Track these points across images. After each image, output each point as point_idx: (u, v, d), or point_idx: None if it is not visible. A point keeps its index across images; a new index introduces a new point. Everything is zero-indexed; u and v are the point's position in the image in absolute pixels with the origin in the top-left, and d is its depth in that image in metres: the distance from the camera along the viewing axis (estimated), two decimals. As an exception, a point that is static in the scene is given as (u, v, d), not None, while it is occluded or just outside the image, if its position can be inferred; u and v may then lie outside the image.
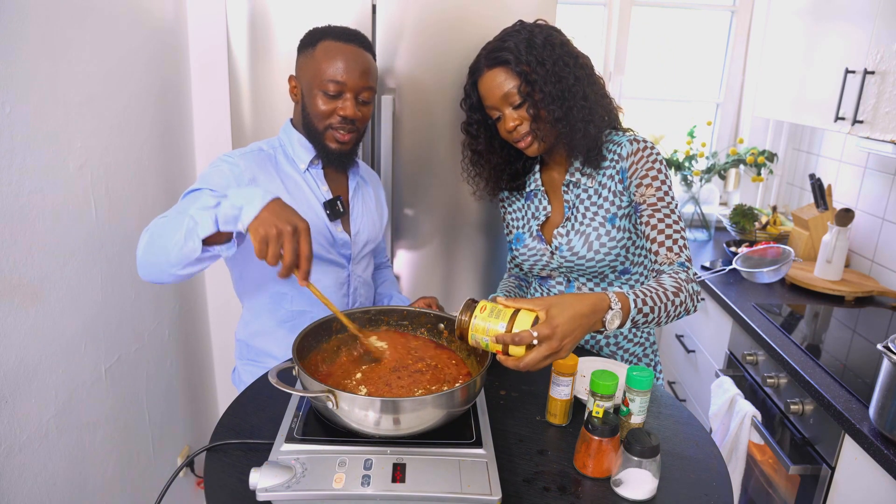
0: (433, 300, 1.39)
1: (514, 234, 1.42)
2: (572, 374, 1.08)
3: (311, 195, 1.35)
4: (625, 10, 2.65)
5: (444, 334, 1.18)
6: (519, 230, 1.41)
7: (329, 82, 1.26)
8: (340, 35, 1.29)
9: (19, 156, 1.20)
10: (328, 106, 1.28)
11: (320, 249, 1.35)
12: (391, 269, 1.77)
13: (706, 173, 2.67)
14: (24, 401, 1.23)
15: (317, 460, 0.89)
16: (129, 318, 1.65)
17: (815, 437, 1.51)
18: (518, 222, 1.42)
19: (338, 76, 1.26)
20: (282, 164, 1.35)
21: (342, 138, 1.31)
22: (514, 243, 1.42)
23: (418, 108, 1.79)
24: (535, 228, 1.38)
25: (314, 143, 1.34)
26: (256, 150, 1.34)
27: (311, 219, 1.32)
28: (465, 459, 0.91)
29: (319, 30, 1.31)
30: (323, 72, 1.26)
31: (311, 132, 1.32)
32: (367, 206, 1.47)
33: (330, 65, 1.26)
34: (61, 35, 1.33)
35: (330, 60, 1.26)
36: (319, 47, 1.28)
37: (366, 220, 1.45)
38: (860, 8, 1.85)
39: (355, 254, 1.43)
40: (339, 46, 1.27)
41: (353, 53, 1.27)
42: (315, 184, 1.36)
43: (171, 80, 1.91)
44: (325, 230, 1.36)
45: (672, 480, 0.97)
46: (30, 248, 1.24)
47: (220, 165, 1.27)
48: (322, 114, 1.29)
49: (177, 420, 2.00)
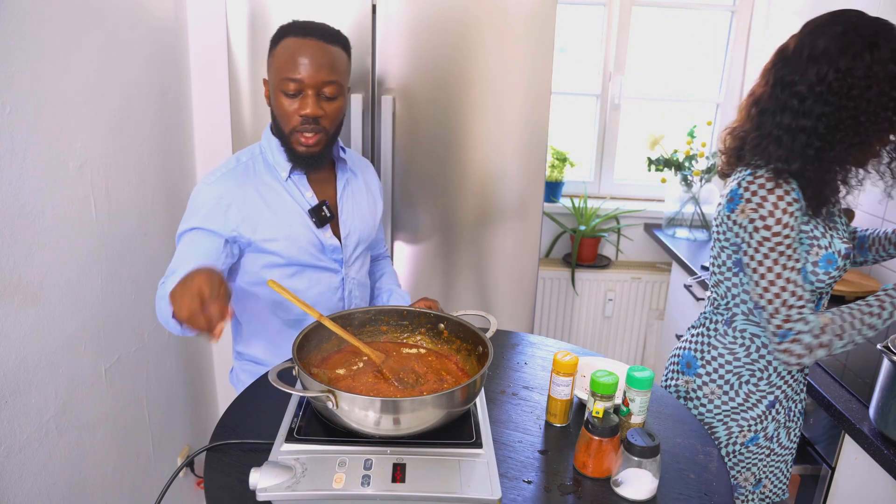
0: (434, 303, 1.36)
1: (822, 255, 1.19)
2: (572, 374, 1.08)
3: (295, 204, 1.30)
4: (625, 10, 2.64)
5: (444, 334, 1.18)
6: (828, 250, 1.19)
7: (286, 81, 1.21)
8: (300, 30, 1.22)
9: (19, 156, 1.20)
10: (290, 106, 1.22)
11: (311, 258, 1.32)
12: (389, 259, 1.72)
13: (706, 173, 2.67)
14: (24, 401, 1.23)
15: (317, 460, 0.89)
16: (129, 318, 1.65)
17: (815, 437, 1.51)
18: (822, 241, 1.20)
19: (294, 73, 1.20)
20: (261, 176, 1.30)
21: (306, 140, 1.24)
22: (821, 265, 1.19)
23: (418, 108, 1.79)
24: (844, 249, 1.21)
25: (285, 148, 1.28)
26: (234, 166, 1.29)
27: (298, 228, 1.29)
28: (464, 459, 0.91)
29: (283, 27, 1.25)
30: (281, 70, 1.21)
31: (281, 137, 1.28)
32: (358, 203, 1.42)
33: (287, 62, 1.20)
34: (61, 35, 1.33)
35: (287, 58, 1.21)
36: (280, 45, 1.23)
37: (356, 219, 1.40)
38: (859, 8, 1.84)
39: (347, 257, 1.39)
40: (297, 42, 1.21)
41: (311, 48, 1.21)
42: (298, 191, 1.31)
43: (171, 80, 1.91)
44: (314, 238, 1.32)
45: (672, 480, 0.97)
46: (30, 248, 1.24)
47: (201, 195, 1.25)
48: (285, 115, 1.24)
49: (177, 420, 2.00)
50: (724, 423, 1.30)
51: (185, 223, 1.26)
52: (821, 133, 1.11)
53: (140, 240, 1.70)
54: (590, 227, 2.69)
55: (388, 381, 1.05)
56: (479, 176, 1.88)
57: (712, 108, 2.88)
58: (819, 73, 1.09)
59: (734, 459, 1.32)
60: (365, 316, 1.18)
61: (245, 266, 1.32)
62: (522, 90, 1.81)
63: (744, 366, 1.27)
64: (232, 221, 1.25)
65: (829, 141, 1.11)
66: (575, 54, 2.79)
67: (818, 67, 1.10)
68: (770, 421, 1.30)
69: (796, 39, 1.15)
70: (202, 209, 1.25)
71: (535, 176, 1.89)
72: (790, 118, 1.13)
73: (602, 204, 2.73)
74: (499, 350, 1.37)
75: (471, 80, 1.79)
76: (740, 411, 1.29)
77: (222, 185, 1.26)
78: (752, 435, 1.30)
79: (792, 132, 1.13)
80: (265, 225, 1.27)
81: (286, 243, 1.29)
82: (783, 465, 1.37)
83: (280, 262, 1.30)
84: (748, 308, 1.25)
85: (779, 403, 1.30)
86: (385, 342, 1.19)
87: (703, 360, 1.31)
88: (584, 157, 2.85)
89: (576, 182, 2.80)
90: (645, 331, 2.84)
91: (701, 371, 1.31)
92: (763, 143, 1.16)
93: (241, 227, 1.25)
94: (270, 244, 1.28)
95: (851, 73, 1.08)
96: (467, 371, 1.11)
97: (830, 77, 1.09)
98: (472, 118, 1.82)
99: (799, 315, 1.13)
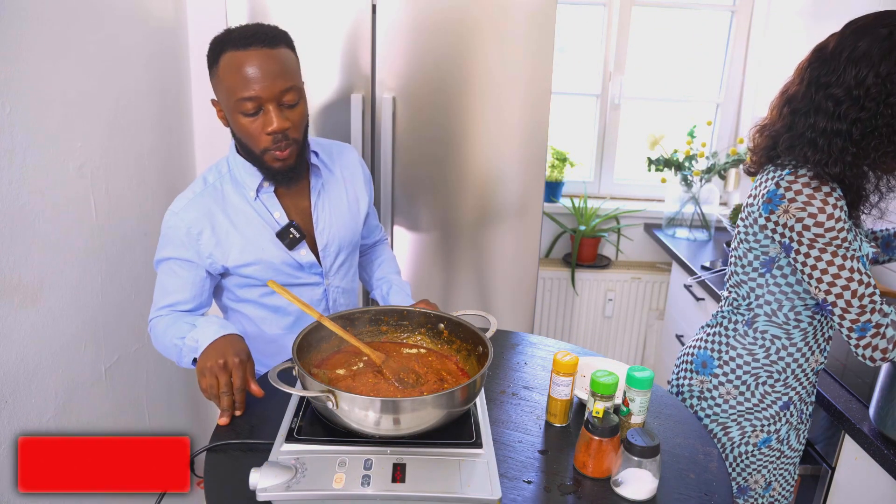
0: (434, 307, 1.32)
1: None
2: (572, 374, 1.08)
3: (264, 226, 1.25)
4: (625, 10, 2.64)
5: (444, 334, 1.18)
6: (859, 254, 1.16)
7: (242, 101, 1.12)
8: (239, 41, 1.12)
9: (19, 156, 1.20)
10: (253, 126, 1.14)
11: (288, 279, 1.29)
12: (387, 242, 1.63)
13: (706, 173, 2.67)
14: (24, 401, 1.23)
15: (317, 460, 0.89)
16: (129, 318, 1.65)
17: (815, 437, 1.51)
18: (855, 243, 1.15)
19: (247, 91, 1.11)
20: (229, 198, 1.24)
21: (281, 156, 1.17)
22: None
23: (418, 108, 1.79)
24: (871, 252, 1.19)
25: (259, 168, 1.22)
26: (201, 189, 1.24)
27: (271, 250, 1.25)
28: (464, 459, 0.91)
29: (218, 41, 1.15)
30: (233, 91, 1.12)
31: (251, 157, 1.21)
32: (336, 208, 1.34)
33: (236, 81, 1.11)
34: (61, 35, 1.33)
35: (235, 76, 1.11)
36: (222, 64, 1.13)
37: (335, 226, 1.34)
38: (860, 8, 1.84)
39: (327, 268, 1.34)
40: (239, 56, 1.11)
41: (257, 58, 1.11)
42: (267, 211, 1.25)
43: (170, 80, 1.91)
44: (288, 258, 1.27)
45: (672, 480, 0.97)
46: (30, 248, 1.24)
47: (170, 223, 1.22)
48: (251, 137, 1.16)
49: (177, 420, 2.00)
50: (737, 423, 1.28)
51: (161, 252, 1.25)
52: (855, 139, 1.08)
53: (140, 240, 1.70)
54: (590, 227, 2.69)
55: (388, 382, 1.05)
56: (479, 176, 1.88)
57: (712, 108, 2.88)
58: (858, 77, 1.06)
59: (746, 461, 1.30)
60: (365, 316, 1.18)
61: (226, 284, 1.31)
62: (522, 90, 1.81)
63: (762, 367, 1.25)
64: (205, 249, 1.22)
65: (864, 147, 1.09)
66: (575, 54, 2.79)
67: (857, 70, 1.06)
68: (784, 423, 1.28)
69: (836, 39, 1.11)
70: (174, 239, 1.22)
71: (535, 176, 1.89)
72: (824, 121, 1.10)
73: (602, 204, 2.73)
74: (499, 350, 1.37)
75: (471, 80, 1.79)
76: (755, 412, 1.27)
77: (190, 214, 1.22)
78: (766, 436, 1.28)
79: (827, 136, 1.10)
80: (237, 250, 1.23)
81: (260, 266, 1.25)
82: (791, 467, 1.35)
83: (257, 283, 1.28)
84: (772, 309, 1.22)
85: (793, 405, 1.28)
86: (385, 342, 1.19)
87: (720, 361, 1.29)
88: (584, 157, 2.85)
89: (576, 182, 2.80)
90: (645, 331, 2.84)
91: (717, 371, 1.29)
92: (797, 145, 1.13)
93: (215, 254, 1.23)
94: (244, 269, 1.25)
95: (892, 79, 1.05)
96: (467, 371, 1.11)
97: (869, 81, 1.05)
98: (472, 118, 1.82)
99: (873, 304, 1.07)
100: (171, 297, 1.23)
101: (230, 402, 1.06)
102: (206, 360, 1.06)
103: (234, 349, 1.08)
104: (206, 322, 1.15)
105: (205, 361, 1.06)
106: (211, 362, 1.06)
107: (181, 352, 1.15)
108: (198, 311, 1.26)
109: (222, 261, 1.24)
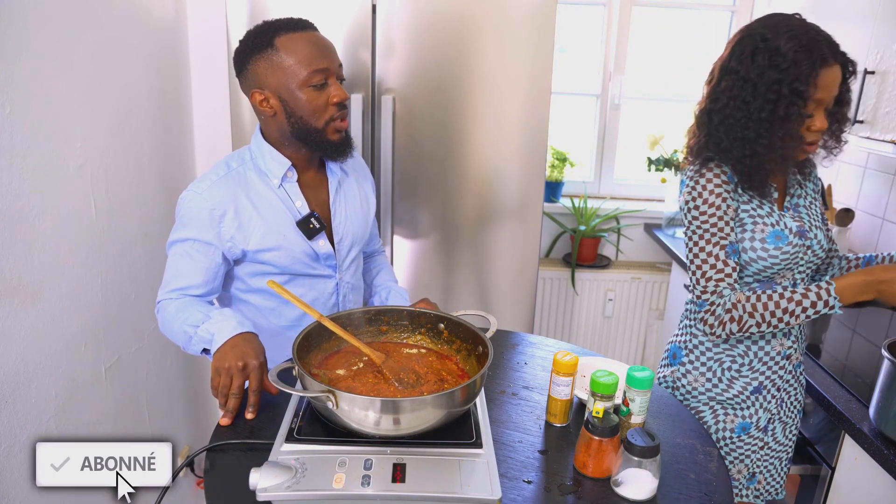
0: (434, 307, 1.33)
1: (769, 232, 1.25)
2: (572, 374, 1.08)
3: (286, 213, 1.27)
4: (625, 10, 2.64)
5: (444, 334, 1.18)
6: (775, 227, 1.25)
7: (315, 73, 1.19)
8: (289, 25, 1.21)
9: (19, 156, 1.20)
10: (320, 99, 1.21)
11: (304, 267, 1.31)
12: (384, 254, 1.67)
13: (706, 173, 2.66)
14: (24, 401, 1.23)
15: (317, 460, 0.89)
16: (129, 318, 1.65)
17: (815, 437, 1.51)
18: (768, 219, 1.25)
19: (320, 63, 1.19)
20: (253, 184, 1.26)
21: (342, 126, 1.25)
22: (770, 241, 1.25)
23: (418, 108, 1.79)
24: (795, 226, 1.27)
25: (313, 146, 1.25)
26: (224, 173, 1.25)
27: (291, 238, 1.27)
28: (464, 459, 0.91)
29: (265, 29, 1.21)
30: (301, 66, 1.18)
31: (308, 135, 1.24)
32: (351, 204, 1.38)
33: (305, 56, 1.18)
34: (61, 35, 1.33)
35: (302, 52, 1.18)
36: (280, 45, 1.19)
37: (350, 222, 1.37)
38: (860, 8, 1.85)
39: (341, 262, 1.36)
40: (300, 35, 1.20)
41: (315, 37, 1.22)
42: (289, 199, 1.28)
43: (171, 80, 1.91)
44: (307, 247, 1.29)
45: (672, 480, 0.97)
46: (29, 249, 1.24)
47: (192, 203, 1.22)
48: (318, 109, 1.22)
49: (177, 420, 2.00)
50: (710, 407, 1.33)
51: (178, 233, 1.24)
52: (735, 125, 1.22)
53: (140, 240, 1.70)
54: (590, 227, 2.69)
55: (389, 382, 1.05)
56: (479, 176, 1.88)
57: (712, 108, 2.87)
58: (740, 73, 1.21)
59: (726, 449, 1.34)
60: (365, 316, 1.18)
61: (238, 273, 1.31)
62: (522, 90, 1.81)
63: (723, 352, 1.31)
64: (226, 232, 1.22)
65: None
66: (575, 54, 2.79)
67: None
68: (759, 408, 1.31)
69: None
70: (195, 220, 1.22)
71: (535, 176, 1.89)
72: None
73: (602, 204, 2.73)
74: (499, 350, 1.37)
75: (471, 79, 1.79)
76: (725, 396, 1.31)
77: (214, 194, 1.22)
78: (741, 422, 1.31)
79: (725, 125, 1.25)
80: (259, 234, 1.24)
81: (280, 253, 1.27)
82: (777, 461, 1.38)
83: (273, 271, 1.29)
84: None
85: (765, 390, 1.31)
86: (385, 342, 1.19)
87: (686, 350, 1.36)
88: (584, 157, 2.85)
89: (576, 182, 2.80)
90: (645, 331, 2.84)
91: (685, 360, 1.35)
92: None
93: (236, 237, 1.23)
94: (264, 254, 1.26)
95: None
96: (467, 371, 1.11)
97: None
98: (472, 118, 1.82)
99: (715, 287, 1.20)
100: (183, 280, 1.23)
101: (238, 405, 1.07)
102: (225, 360, 1.07)
103: (254, 351, 1.09)
104: (222, 316, 1.15)
105: (223, 361, 1.07)
106: (230, 363, 1.06)
107: (191, 340, 1.15)
108: (208, 296, 1.26)
109: (242, 244, 1.24)
